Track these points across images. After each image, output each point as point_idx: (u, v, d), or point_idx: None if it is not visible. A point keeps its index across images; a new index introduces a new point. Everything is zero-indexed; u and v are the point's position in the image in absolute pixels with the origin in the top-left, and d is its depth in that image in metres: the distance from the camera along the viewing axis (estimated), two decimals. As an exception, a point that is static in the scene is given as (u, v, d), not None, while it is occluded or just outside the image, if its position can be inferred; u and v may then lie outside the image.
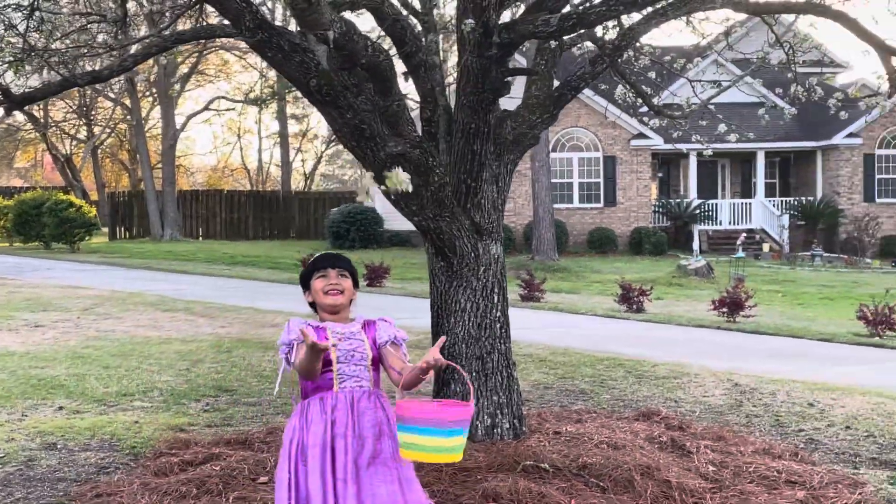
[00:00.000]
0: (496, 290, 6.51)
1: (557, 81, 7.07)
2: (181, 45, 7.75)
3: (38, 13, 6.81)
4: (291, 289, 19.99)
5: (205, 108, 53.02)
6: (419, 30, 6.60)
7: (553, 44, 6.97)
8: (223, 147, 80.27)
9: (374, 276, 20.27)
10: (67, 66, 6.95)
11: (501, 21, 5.82)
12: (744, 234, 32.43)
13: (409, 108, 6.19)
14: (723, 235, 33.92)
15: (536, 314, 15.77)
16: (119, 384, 8.95)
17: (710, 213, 34.37)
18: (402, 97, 5.78)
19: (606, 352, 11.41)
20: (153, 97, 50.08)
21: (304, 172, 68.19)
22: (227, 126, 66.78)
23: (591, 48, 7.64)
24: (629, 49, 7.62)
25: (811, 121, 32.56)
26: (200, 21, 8.10)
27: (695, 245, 32.01)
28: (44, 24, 6.85)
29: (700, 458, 6.16)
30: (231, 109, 58.35)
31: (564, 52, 7.32)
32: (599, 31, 7.28)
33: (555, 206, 29.66)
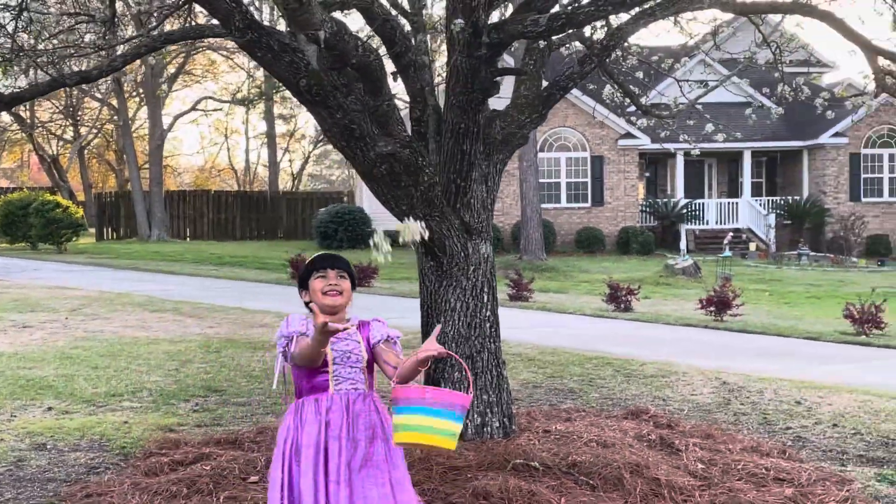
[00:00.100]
0: (486, 290, 6.53)
1: (546, 81, 7.09)
2: (170, 46, 7.75)
3: (27, 13, 6.80)
4: (279, 289, 19.99)
5: (192, 109, 52.93)
6: (408, 30, 6.61)
7: (542, 44, 6.99)
8: (210, 147, 79.95)
9: (363, 276, 20.26)
10: (56, 67, 6.94)
11: (490, 21, 5.84)
12: (731, 234, 32.52)
13: (399, 108, 6.20)
14: (710, 235, 34.02)
15: (525, 314, 15.80)
16: (108, 384, 8.94)
17: (697, 213, 34.47)
18: (392, 97, 5.80)
19: (595, 351, 11.45)
20: (140, 97, 49.93)
21: (292, 172, 68.11)
22: (215, 126, 66.70)
23: (580, 48, 7.67)
24: (617, 49, 7.65)
25: (798, 120, 32.69)
26: (189, 21, 8.10)
27: (682, 244, 32.12)
28: (32, 25, 6.84)
29: (689, 456, 6.19)
30: (218, 110, 58.32)
31: (553, 52, 7.34)
32: (588, 31, 7.31)
33: (543, 206, 29.71)
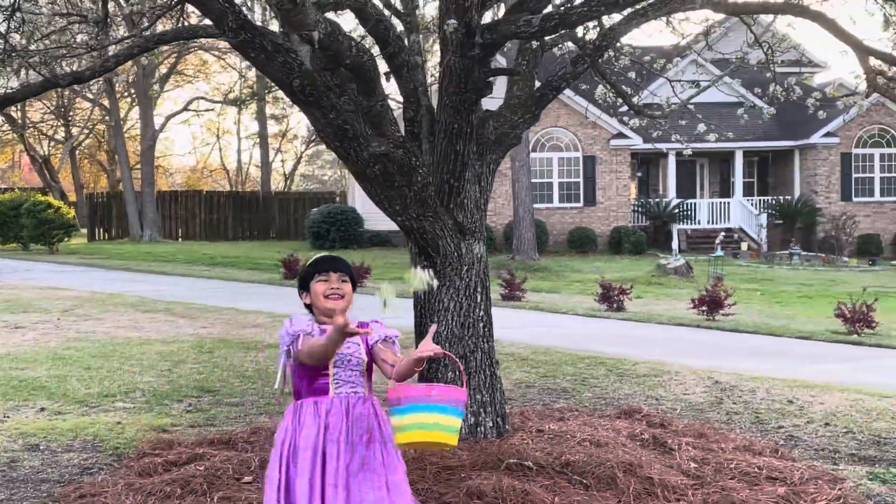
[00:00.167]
0: (479, 290, 6.54)
1: (539, 82, 7.11)
2: (162, 46, 7.75)
3: (19, 14, 6.79)
4: (271, 289, 19.99)
5: (184, 109, 52.80)
6: (401, 30, 6.62)
7: (534, 44, 7.01)
8: (202, 148, 79.85)
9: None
10: (48, 67, 6.94)
11: (483, 22, 5.85)
12: (722, 234, 32.61)
13: (392, 109, 6.20)
14: (701, 235, 34.08)
15: (517, 313, 15.82)
16: (101, 385, 8.93)
17: (689, 213, 34.53)
18: (386, 97, 5.81)
19: (587, 350, 11.46)
20: (132, 97, 49.83)
21: (284, 173, 68.03)
22: (206, 127, 66.56)
23: (572, 48, 7.69)
24: (610, 49, 7.66)
25: (789, 120, 32.76)
26: (182, 21, 8.10)
27: (674, 244, 32.16)
28: (25, 26, 6.84)
29: (682, 455, 6.21)
30: (210, 110, 58.22)
31: (545, 53, 7.35)
32: (580, 32, 7.33)
33: (535, 206, 29.73)
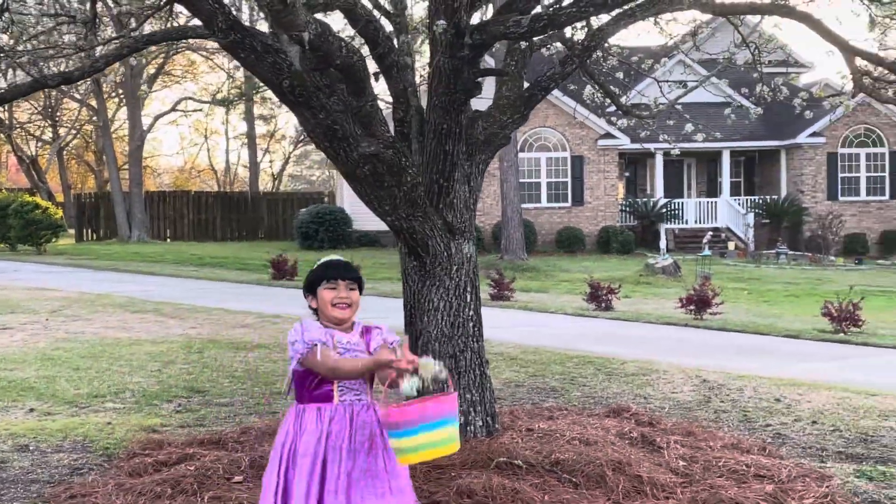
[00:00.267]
0: (469, 289, 6.56)
1: (527, 82, 7.13)
2: (151, 46, 7.75)
3: (7, 14, 6.78)
4: (260, 290, 19.98)
5: (172, 109, 52.70)
6: (390, 31, 6.64)
7: (523, 45, 7.03)
8: (190, 148, 79.80)
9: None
10: (37, 68, 6.93)
11: (472, 22, 5.87)
12: (710, 233, 32.70)
13: (381, 109, 6.22)
14: (689, 234, 34.18)
15: (506, 313, 15.85)
16: (90, 386, 8.92)
17: (677, 212, 34.62)
18: (375, 98, 5.82)
19: (576, 350, 11.50)
20: (119, 98, 49.70)
21: (272, 173, 67.98)
22: (195, 127, 66.47)
23: (561, 49, 7.71)
24: (598, 49, 7.69)
25: (776, 120, 32.88)
26: (170, 22, 8.10)
27: (662, 244, 32.26)
28: (13, 26, 6.82)
29: (670, 454, 6.24)
30: (198, 110, 58.12)
31: (534, 53, 7.38)
32: (569, 32, 7.35)
33: (523, 206, 29.78)
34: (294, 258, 23.26)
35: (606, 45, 8.46)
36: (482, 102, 6.72)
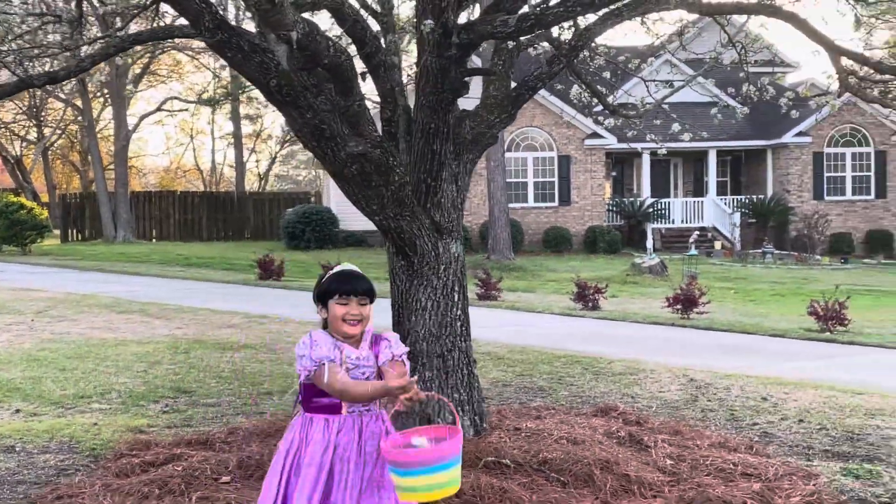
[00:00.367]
0: (456, 289, 6.56)
1: (514, 82, 7.13)
2: (138, 46, 7.73)
3: (-7, 14, 6.76)
4: (246, 290, 19.93)
5: (157, 109, 52.52)
6: (377, 30, 6.63)
7: (511, 44, 7.03)
8: (176, 148, 79.54)
9: (331, 277, 20.22)
10: (23, 67, 6.90)
11: (460, 22, 5.87)
12: (696, 232, 32.79)
13: (369, 109, 6.21)
14: (676, 233, 34.27)
15: (494, 313, 15.85)
16: (76, 386, 8.89)
17: (663, 212, 34.70)
18: (363, 97, 5.81)
19: (563, 349, 11.51)
20: (104, 98, 49.52)
21: (259, 173, 67.88)
22: (180, 127, 66.32)
23: (548, 48, 7.72)
24: (585, 49, 7.70)
25: (762, 120, 33.00)
26: (157, 21, 8.07)
27: (648, 243, 32.34)
28: (-1, 25, 6.80)
29: (658, 452, 6.25)
30: (184, 110, 57.99)
31: (521, 53, 7.38)
32: (556, 32, 7.36)
33: (510, 206, 29.80)
34: (281, 258, 23.23)
35: (593, 45, 8.46)
36: (470, 102, 6.72)
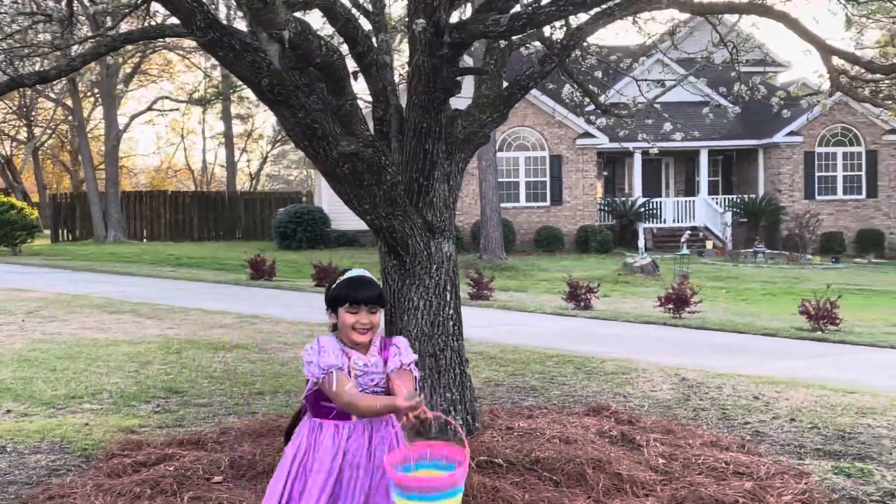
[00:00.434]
0: (448, 288, 6.55)
1: (506, 81, 7.13)
2: (129, 45, 7.71)
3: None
4: (238, 290, 19.90)
5: (148, 109, 52.39)
6: (369, 29, 6.62)
7: (503, 43, 7.03)
8: (167, 148, 79.55)
9: (323, 277, 20.22)
10: (14, 66, 6.88)
11: (452, 21, 5.87)
12: (688, 232, 32.86)
13: (361, 108, 6.20)
14: (667, 233, 34.30)
15: (485, 312, 15.85)
16: (67, 387, 8.86)
17: (655, 212, 34.74)
18: (355, 96, 5.80)
19: (555, 349, 11.52)
20: (95, 97, 49.40)
21: (250, 173, 67.81)
22: (171, 126, 66.21)
23: (540, 48, 7.72)
24: (577, 48, 7.70)
25: (753, 119, 33.05)
26: (148, 21, 8.05)
27: (640, 243, 32.40)
28: (-11, 24, 6.77)
29: (650, 451, 6.26)
30: (175, 110, 57.85)
31: (513, 52, 7.38)
32: (548, 31, 7.36)
33: (502, 206, 29.81)
34: (272, 258, 23.21)
35: (585, 44, 8.47)
36: (461, 101, 6.72)
